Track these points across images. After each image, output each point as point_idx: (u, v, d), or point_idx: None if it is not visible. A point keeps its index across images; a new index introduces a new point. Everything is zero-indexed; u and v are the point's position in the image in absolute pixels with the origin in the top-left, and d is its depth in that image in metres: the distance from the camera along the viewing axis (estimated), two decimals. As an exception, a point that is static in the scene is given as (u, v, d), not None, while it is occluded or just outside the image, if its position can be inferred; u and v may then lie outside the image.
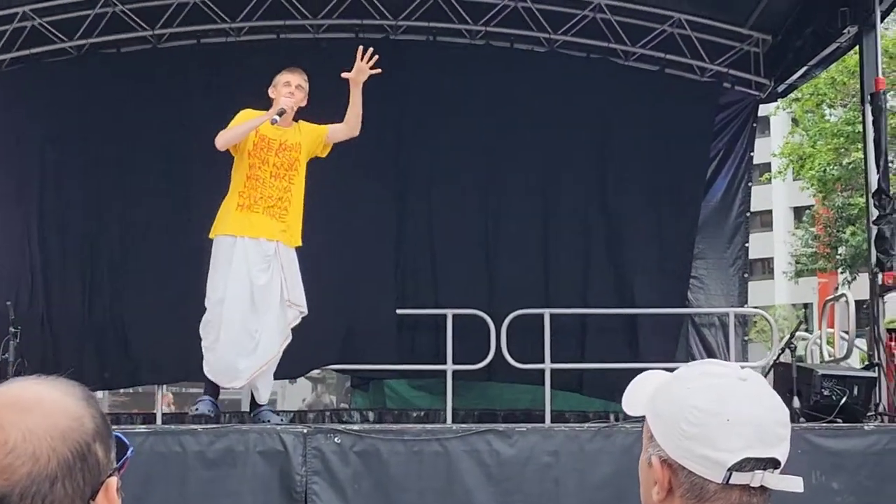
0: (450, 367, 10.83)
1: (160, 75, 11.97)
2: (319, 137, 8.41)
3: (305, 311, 8.37)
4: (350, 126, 8.34)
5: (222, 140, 8.15)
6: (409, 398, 12.86)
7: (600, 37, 12.48)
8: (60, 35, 12.02)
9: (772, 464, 1.93)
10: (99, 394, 13.55)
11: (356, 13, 12.19)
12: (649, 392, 2.05)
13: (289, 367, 11.74)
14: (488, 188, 12.30)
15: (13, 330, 9.23)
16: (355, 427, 7.83)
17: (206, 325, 8.32)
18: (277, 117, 8.01)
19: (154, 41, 12.21)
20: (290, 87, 8.22)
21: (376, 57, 8.18)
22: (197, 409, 8.48)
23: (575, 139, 12.27)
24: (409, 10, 12.22)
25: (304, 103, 8.31)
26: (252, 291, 8.13)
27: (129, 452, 1.71)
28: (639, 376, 2.10)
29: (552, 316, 11.02)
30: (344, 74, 8.23)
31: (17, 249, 11.80)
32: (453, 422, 10.59)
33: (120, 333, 11.57)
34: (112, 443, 1.69)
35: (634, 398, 2.07)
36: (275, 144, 8.20)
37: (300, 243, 8.40)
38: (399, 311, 11.64)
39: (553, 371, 10.87)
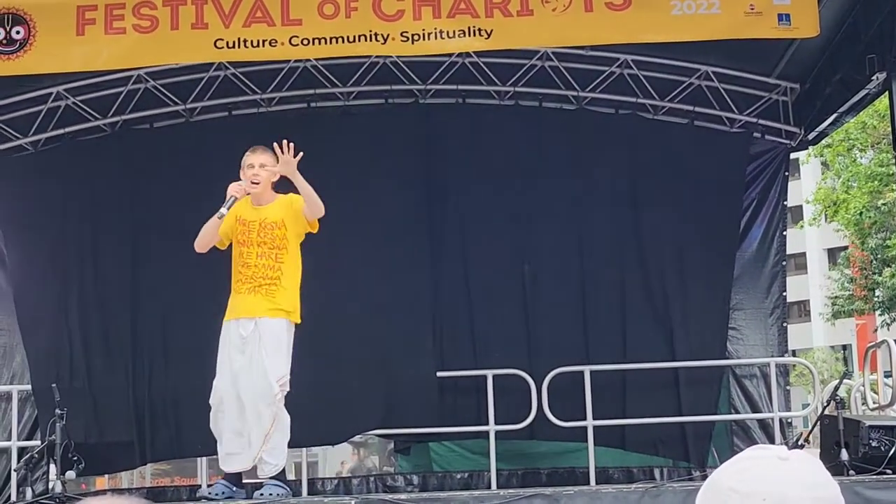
0: (492, 427, 10.83)
1: (192, 148, 12.07)
2: (296, 206, 8.20)
3: (287, 384, 8.07)
4: (311, 209, 8.12)
5: (197, 244, 8.34)
6: (452, 460, 12.82)
7: (628, 92, 12.49)
8: (94, 113, 12.15)
9: None
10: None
11: (385, 79, 12.26)
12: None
13: (330, 433, 11.81)
14: (523, 246, 12.27)
15: (59, 412, 9.15)
16: (403, 496, 7.80)
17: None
18: (225, 210, 8.02)
19: (186, 115, 12.32)
20: (253, 169, 8.22)
21: (293, 144, 8.09)
22: (210, 493, 8.48)
23: (608, 195, 12.26)
24: (437, 74, 12.29)
25: (275, 178, 8.27)
26: (233, 375, 8.11)
27: None
28: None
29: (592, 372, 11.02)
30: (275, 170, 8.18)
31: (54, 327, 11.82)
32: (497, 483, 10.56)
33: (164, 407, 11.59)
34: None
35: None
36: (255, 225, 8.19)
37: (298, 320, 8.28)
38: (439, 374, 11.63)
39: (595, 427, 10.85)
